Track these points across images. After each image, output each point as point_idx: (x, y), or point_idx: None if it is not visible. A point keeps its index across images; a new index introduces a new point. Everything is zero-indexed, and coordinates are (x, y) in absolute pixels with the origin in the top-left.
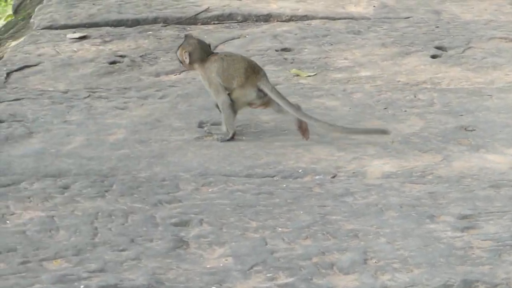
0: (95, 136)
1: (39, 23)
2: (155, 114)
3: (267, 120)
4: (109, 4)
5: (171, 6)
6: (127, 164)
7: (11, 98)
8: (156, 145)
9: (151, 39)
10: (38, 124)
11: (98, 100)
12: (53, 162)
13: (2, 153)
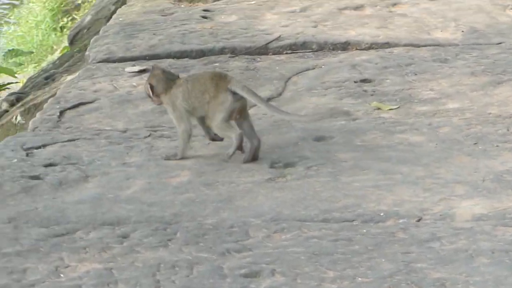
0: (157, 179)
1: (95, 55)
2: (222, 154)
3: (345, 158)
4: (171, 34)
5: (239, 35)
6: (191, 209)
7: (65, 139)
8: (224, 188)
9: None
10: (95, 167)
11: (160, 139)
12: (111, 208)
13: (55, 199)
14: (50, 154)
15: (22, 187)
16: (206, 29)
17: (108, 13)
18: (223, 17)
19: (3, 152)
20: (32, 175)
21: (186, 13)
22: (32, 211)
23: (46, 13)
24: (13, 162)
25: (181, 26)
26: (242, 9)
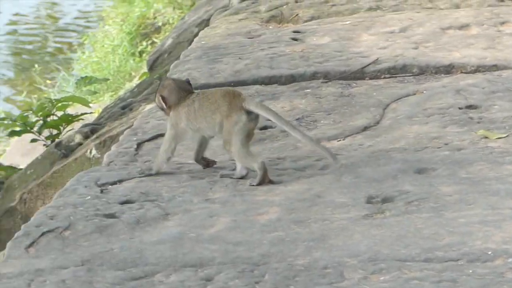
0: (243, 216)
1: None
2: (314, 189)
3: (449, 192)
4: (258, 57)
5: (333, 58)
6: (281, 249)
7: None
8: (316, 225)
9: (309, 99)
10: (175, 203)
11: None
12: (193, 249)
13: (132, 239)
14: (126, 191)
15: (97, 227)
16: (297, 52)
17: (191, 35)
18: (315, 39)
19: (75, 188)
20: (107, 213)
21: (274, 35)
22: (107, 252)
23: (123, 37)
24: (86, 200)
25: (269, 49)
26: (336, 29)
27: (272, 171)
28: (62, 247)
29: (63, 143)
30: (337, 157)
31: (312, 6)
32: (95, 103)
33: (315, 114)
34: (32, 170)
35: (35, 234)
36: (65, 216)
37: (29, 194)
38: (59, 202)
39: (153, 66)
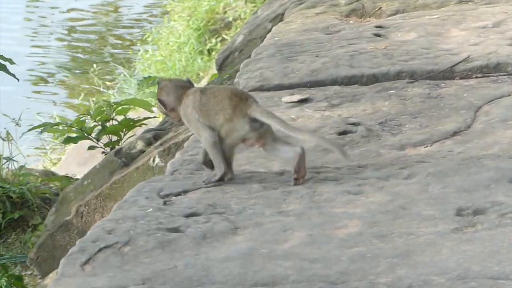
0: (320, 230)
1: (245, 83)
2: (398, 200)
3: None
4: (337, 55)
5: (419, 56)
6: (362, 266)
7: (210, 184)
8: (401, 240)
9: (394, 101)
10: (245, 216)
11: (324, 183)
12: (264, 266)
13: (198, 256)
14: (192, 202)
15: (159, 242)
16: (379, 49)
17: (264, 32)
18: (399, 35)
19: (136, 200)
20: (170, 227)
21: (355, 31)
22: (171, 270)
23: (190, 34)
24: (148, 212)
25: (349, 46)
26: (423, 24)
27: (352, 181)
28: (121, 264)
29: (123, 150)
30: (348, 153)
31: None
32: None
33: (400, 118)
34: (89, 181)
35: (91, 250)
36: (125, 231)
37: (86, 207)
38: (118, 215)
39: (222, 65)
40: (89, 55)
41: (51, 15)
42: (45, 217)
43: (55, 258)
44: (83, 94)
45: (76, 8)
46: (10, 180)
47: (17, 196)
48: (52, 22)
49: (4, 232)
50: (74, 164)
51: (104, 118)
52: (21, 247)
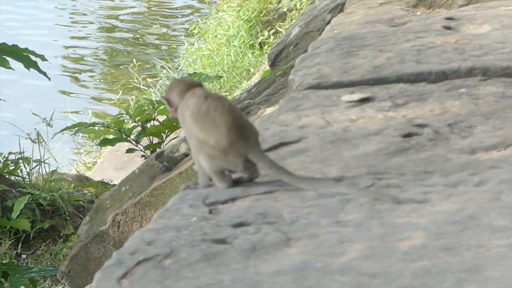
0: (381, 242)
1: (301, 80)
2: (468, 209)
3: None
4: (402, 50)
5: (493, 51)
6: (426, 282)
7: (260, 191)
8: (469, 253)
9: (464, 100)
10: (299, 227)
11: (386, 190)
12: (319, 281)
13: (247, 269)
14: (240, 211)
15: (204, 254)
16: (450, 43)
17: (322, 24)
18: (472, 28)
19: (179, 208)
20: (216, 238)
21: (423, 23)
22: (216, 285)
23: (240, 25)
24: (191, 222)
25: (416, 40)
26: (498, 16)
27: (417, 188)
28: (161, 279)
29: (165, 153)
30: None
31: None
32: None
33: (471, 119)
34: (127, 187)
35: (129, 263)
36: (166, 242)
37: (123, 216)
38: (159, 225)
39: (275, 60)
40: (129, 48)
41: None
42: (78, 227)
43: (88, 272)
44: (121, 92)
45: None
46: (41, 185)
47: (48, 203)
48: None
49: (33, 243)
50: (111, 169)
51: (144, 118)
52: (51, 259)
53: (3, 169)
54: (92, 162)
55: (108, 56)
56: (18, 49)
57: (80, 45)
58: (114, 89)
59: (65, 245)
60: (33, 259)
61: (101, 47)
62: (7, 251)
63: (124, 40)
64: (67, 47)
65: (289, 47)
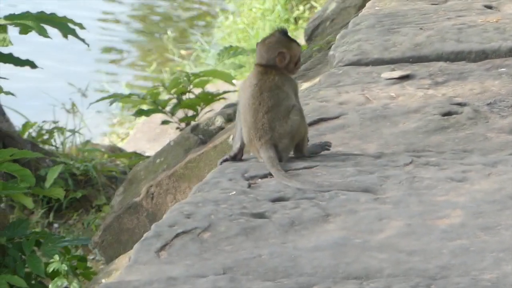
0: (419, 220)
1: (342, 56)
2: (507, 189)
3: None
4: (443, 28)
5: None
6: (464, 260)
7: (299, 166)
8: (508, 233)
9: (505, 80)
10: (338, 202)
11: (425, 168)
12: (358, 258)
13: (285, 245)
14: (279, 186)
15: (242, 228)
16: (491, 22)
17: (359, 0)
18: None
19: (218, 181)
20: (255, 212)
21: (464, 2)
22: (255, 259)
23: (276, 0)
24: (230, 195)
25: (457, 18)
26: None
27: (456, 166)
28: (200, 252)
29: (200, 126)
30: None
31: None
32: (240, 79)
33: (511, 99)
34: (162, 159)
35: (168, 235)
36: (205, 215)
37: (157, 188)
38: (198, 198)
39: (312, 36)
40: (163, 20)
41: None
42: (110, 198)
43: (121, 243)
44: (156, 64)
45: None
46: (74, 155)
47: (81, 173)
48: None
49: (66, 213)
50: (144, 140)
51: (180, 90)
52: (83, 229)
53: (37, 138)
54: (124, 133)
55: (142, 28)
56: (56, 18)
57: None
58: (147, 61)
59: (98, 216)
60: (65, 229)
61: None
62: (40, 220)
63: (158, 13)
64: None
65: (325, 22)
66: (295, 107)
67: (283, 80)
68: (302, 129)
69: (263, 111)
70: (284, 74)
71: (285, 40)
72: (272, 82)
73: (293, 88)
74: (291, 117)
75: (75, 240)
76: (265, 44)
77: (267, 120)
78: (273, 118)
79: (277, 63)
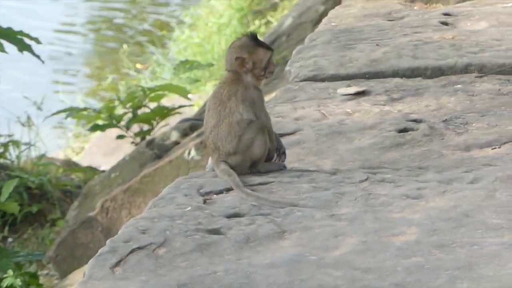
0: (375, 237)
1: (298, 72)
2: (462, 206)
3: None
4: (400, 44)
5: (490, 48)
6: (419, 278)
7: (255, 182)
8: (463, 251)
9: (460, 96)
10: (293, 219)
11: (380, 184)
12: (313, 274)
13: (240, 261)
14: (235, 202)
15: (197, 244)
16: (446, 39)
17: (316, 15)
18: (469, 24)
19: (173, 197)
20: (210, 228)
21: (420, 18)
22: (210, 275)
23: (232, 14)
24: (186, 211)
25: (413, 34)
26: (495, 13)
27: (412, 183)
28: (155, 268)
29: (156, 141)
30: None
31: None
32: (195, 94)
33: (466, 115)
34: (117, 173)
35: (123, 251)
36: (160, 231)
37: (112, 202)
38: (153, 213)
39: None
40: (119, 34)
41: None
42: (65, 212)
43: (75, 257)
44: (111, 78)
45: None
46: (29, 169)
47: (36, 187)
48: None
49: (20, 227)
50: (99, 155)
51: (136, 104)
52: (38, 244)
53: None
54: (79, 147)
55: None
56: (12, 32)
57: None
58: (103, 74)
59: (52, 230)
60: (19, 243)
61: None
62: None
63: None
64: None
65: (281, 37)
66: (251, 124)
67: (243, 90)
68: (257, 148)
69: (210, 127)
70: (250, 82)
71: (250, 45)
72: (229, 93)
73: (254, 100)
74: (244, 135)
75: (30, 255)
76: (229, 48)
77: (211, 140)
78: (218, 137)
79: (238, 68)
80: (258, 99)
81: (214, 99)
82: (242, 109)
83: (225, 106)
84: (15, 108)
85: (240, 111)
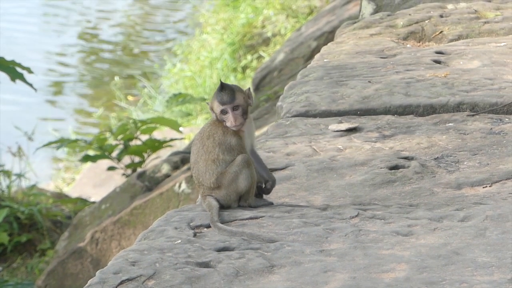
0: (364, 273)
1: (289, 107)
2: (452, 244)
3: None
4: (392, 82)
5: (482, 87)
6: None
7: (245, 216)
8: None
9: (452, 135)
10: (283, 254)
11: (371, 221)
12: None
13: None
14: (225, 235)
15: (187, 277)
16: (439, 77)
17: (308, 51)
18: (461, 63)
19: (163, 230)
20: (200, 261)
21: (412, 56)
22: None
23: (224, 48)
24: (176, 244)
25: (406, 72)
26: (488, 52)
27: (402, 220)
28: None
29: (146, 173)
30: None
31: (460, 23)
32: (187, 127)
33: (458, 154)
34: (108, 205)
35: (112, 282)
36: (150, 263)
37: (102, 233)
38: (143, 246)
39: (259, 85)
40: (111, 66)
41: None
42: (55, 242)
43: (64, 287)
44: (103, 109)
45: (102, 10)
46: (19, 199)
47: (26, 217)
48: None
49: (10, 256)
50: (89, 186)
51: (127, 137)
52: (27, 273)
53: None
54: (71, 178)
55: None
56: (4, 62)
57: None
58: (95, 105)
59: (42, 260)
60: (8, 272)
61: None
62: None
63: (105, 58)
64: (47, 60)
65: (273, 72)
66: (236, 159)
67: (221, 134)
68: (242, 181)
69: (192, 163)
70: (229, 127)
71: (214, 94)
72: (209, 133)
73: (232, 146)
74: (227, 170)
75: (19, 284)
76: None
77: (194, 174)
78: (199, 173)
79: None
80: (236, 145)
81: (198, 135)
82: (218, 151)
83: (204, 144)
84: (7, 138)
85: (216, 152)
